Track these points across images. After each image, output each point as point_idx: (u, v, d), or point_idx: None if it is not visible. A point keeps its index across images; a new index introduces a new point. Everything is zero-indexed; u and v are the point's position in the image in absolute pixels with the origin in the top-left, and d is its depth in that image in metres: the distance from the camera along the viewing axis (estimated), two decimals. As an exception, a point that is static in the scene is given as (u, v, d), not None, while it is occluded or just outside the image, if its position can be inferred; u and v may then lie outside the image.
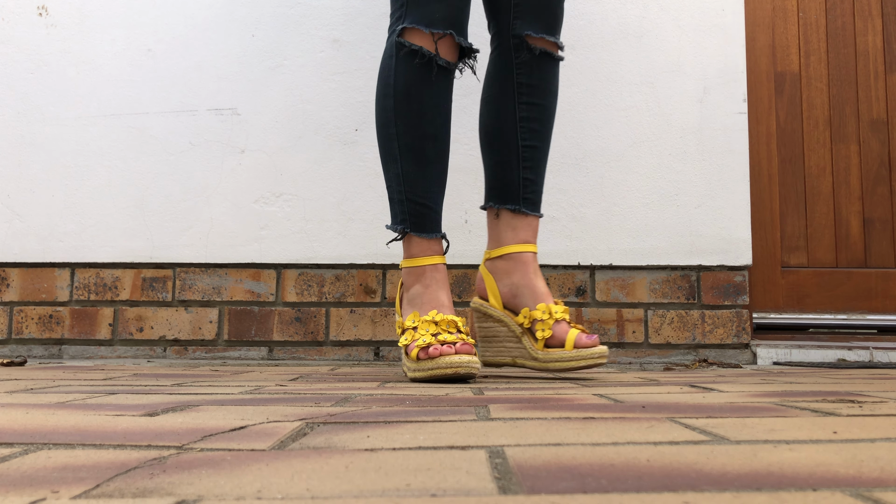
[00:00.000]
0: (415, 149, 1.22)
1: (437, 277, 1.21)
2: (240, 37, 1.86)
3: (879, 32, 1.92)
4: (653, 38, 1.83)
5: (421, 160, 1.22)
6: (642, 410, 0.68)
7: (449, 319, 1.14)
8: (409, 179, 1.22)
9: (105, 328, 1.79)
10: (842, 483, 0.37)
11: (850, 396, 0.80)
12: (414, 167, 1.22)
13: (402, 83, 1.21)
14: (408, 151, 1.22)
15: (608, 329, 1.76)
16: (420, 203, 1.22)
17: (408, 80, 1.21)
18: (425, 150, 1.22)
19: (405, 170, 1.22)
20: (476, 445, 0.49)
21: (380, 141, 1.26)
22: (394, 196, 1.24)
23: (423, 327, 1.14)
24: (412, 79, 1.21)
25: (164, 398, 0.80)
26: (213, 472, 0.41)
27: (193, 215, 1.81)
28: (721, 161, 1.79)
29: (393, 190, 1.24)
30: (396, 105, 1.22)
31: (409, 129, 1.22)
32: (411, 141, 1.22)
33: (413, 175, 1.22)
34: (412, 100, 1.21)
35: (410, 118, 1.22)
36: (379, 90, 1.25)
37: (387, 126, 1.24)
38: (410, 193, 1.22)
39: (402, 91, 1.21)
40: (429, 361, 1.08)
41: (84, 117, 1.85)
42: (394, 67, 1.22)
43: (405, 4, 1.20)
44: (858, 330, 1.82)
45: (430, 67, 1.19)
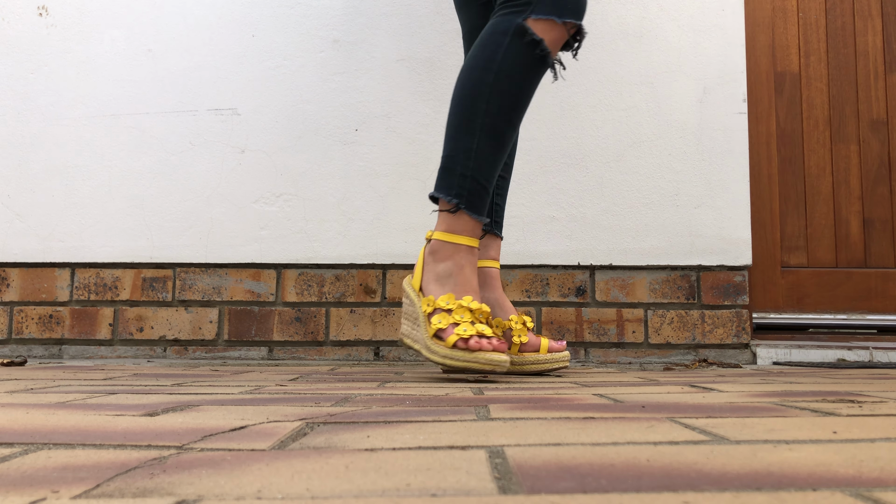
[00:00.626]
0: (498, 132, 1.21)
1: (472, 261, 1.21)
2: (240, 37, 1.86)
3: (879, 32, 1.92)
4: (653, 38, 1.83)
5: (498, 144, 1.22)
6: (642, 410, 0.68)
7: (485, 310, 1.16)
8: (480, 158, 1.21)
9: (105, 328, 1.79)
10: (842, 483, 0.37)
11: (850, 396, 0.80)
12: (489, 148, 1.21)
13: (508, 65, 1.20)
14: (491, 132, 1.21)
15: (608, 329, 1.76)
16: (481, 184, 1.21)
17: (516, 65, 1.20)
18: (506, 137, 1.22)
19: (480, 147, 1.21)
20: (476, 445, 0.49)
21: (459, 108, 1.23)
22: (455, 168, 1.22)
23: (458, 312, 1.13)
24: (521, 66, 1.20)
25: (164, 398, 0.80)
26: (213, 472, 0.41)
27: (193, 215, 1.81)
28: (721, 161, 1.79)
29: (457, 162, 1.22)
30: (496, 83, 1.20)
31: (501, 112, 1.21)
32: (498, 123, 1.21)
33: (486, 155, 1.21)
34: (513, 85, 1.21)
35: (505, 102, 1.21)
36: (478, 59, 1.22)
37: (476, 99, 1.21)
38: (476, 171, 1.21)
39: (507, 73, 1.20)
40: (466, 353, 1.09)
41: (84, 117, 1.85)
42: (505, 46, 1.20)
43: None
44: (858, 330, 1.82)
45: (543, 64, 1.21)
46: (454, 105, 1.23)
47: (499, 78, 1.20)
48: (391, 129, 1.82)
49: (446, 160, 1.23)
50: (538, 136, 1.81)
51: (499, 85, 1.20)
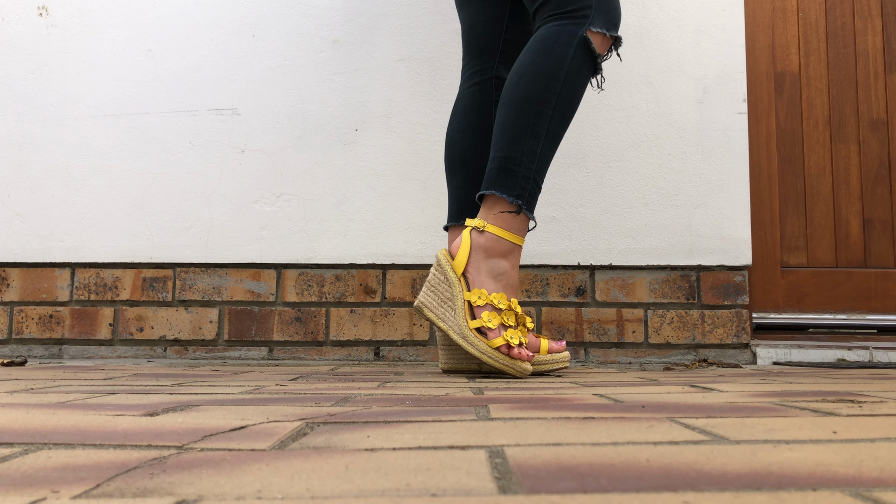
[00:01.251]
0: (557, 137, 1.27)
1: (519, 260, 1.27)
2: (240, 37, 1.86)
3: (879, 32, 1.92)
4: (653, 38, 1.83)
5: (555, 148, 1.28)
6: (642, 410, 0.68)
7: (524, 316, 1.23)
8: (542, 161, 1.25)
9: (105, 328, 1.79)
10: (842, 483, 0.37)
11: (850, 396, 0.80)
12: (549, 152, 1.26)
13: (573, 75, 1.25)
14: (553, 136, 1.26)
15: (608, 329, 1.76)
16: (538, 185, 1.26)
17: (579, 75, 1.26)
18: (560, 140, 1.29)
19: (543, 151, 1.25)
20: (476, 445, 0.49)
21: (524, 112, 1.25)
22: (518, 170, 1.24)
23: (507, 315, 1.19)
24: (582, 76, 1.27)
25: (164, 398, 0.80)
26: (213, 472, 0.41)
27: (193, 215, 1.81)
28: (721, 161, 1.79)
29: (519, 164, 1.24)
30: (563, 90, 1.25)
31: (564, 118, 1.26)
32: (560, 128, 1.27)
33: (546, 159, 1.26)
34: (575, 93, 1.27)
35: (568, 109, 1.26)
36: (544, 67, 1.25)
37: (543, 104, 1.25)
38: (537, 174, 1.25)
39: (572, 82, 1.26)
40: (506, 358, 1.15)
41: (84, 117, 1.85)
42: (571, 56, 1.25)
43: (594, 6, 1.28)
44: (858, 330, 1.82)
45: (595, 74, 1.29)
46: (516, 108, 1.26)
47: (565, 86, 1.25)
48: (391, 129, 1.82)
49: (506, 161, 1.25)
50: (538, 136, 1.80)
51: (565, 93, 1.25)
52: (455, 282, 1.23)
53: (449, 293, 1.23)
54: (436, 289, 1.24)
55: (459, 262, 1.24)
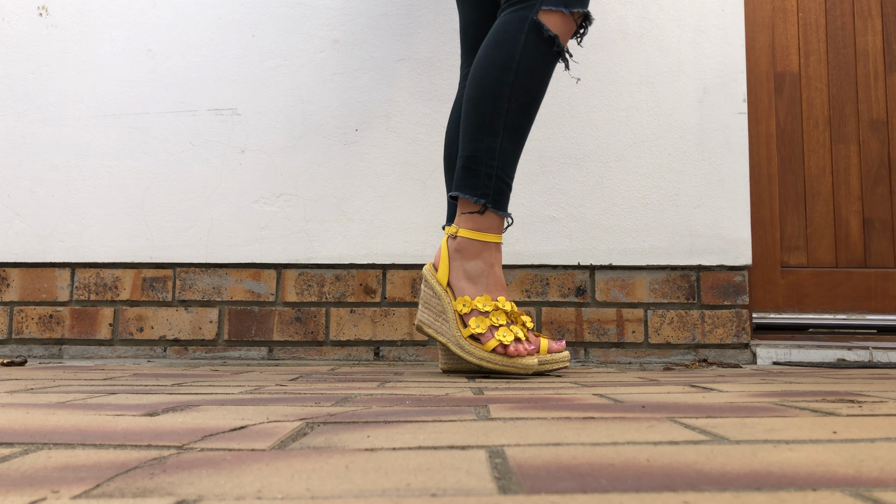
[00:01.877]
0: (518, 129, 1.22)
1: (499, 257, 1.23)
2: (240, 37, 1.86)
3: (879, 32, 1.92)
4: (653, 38, 1.83)
5: (519, 141, 1.23)
6: (642, 410, 0.68)
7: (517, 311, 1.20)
8: (503, 156, 1.22)
9: (105, 328, 1.79)
10: (842, 483, 0.37)
11: (850, 396, 0.80)
12: (511, 146, 1.22)
13: (527, 63, 1.21)
14: (512, 130, 1.22)
15: (608, 329, 1.76)
16: (505, 181, 1.22)
17: (534, 62, 1.21)
18: (525, 132, 1.24)
19: (503, 146, 1.22)
20: (476, 445, 0.49)
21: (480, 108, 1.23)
22: (479, 168, 1.22)
23: (495, 315, 1.16)
24: (539, 62, 1.21)
25: (164, 398, 0.80)
26: (213, 472, 0.41)
27: (193, 215, 1.81)
28: (721, 161, 1.79)
29: (480, 162, 1.22)
30: (516, 81, 1.21)
31: (522, 110, 1.22)
32: (519, 121, 1.22)
33: (508, 153, 1.22)
34: (532, 82, 1.21)
35: (525, 99, 1.21)
36: (496, 59, 1.22)
37: (497, 99, 1.21)
38: (500, 170, 1.22)
39: (527, 71, 1.21)
40: (504, 358, 1.13)
41: (84, 117, 1.85)
42: (522, 44, 1.20)
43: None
44: (858, 330, 1.82)
45: (557, 58, 1.22)
46: (472, 105, 1.23)
47: (518, 76, 1.20)
48: (391, 129, 1.82)
49: (468, 160, 1.22)
50: (538, 136, 1.81)
51: (519, 83, 1.20)
52: (442, 294, 1.22)
53: (440, 306, 1.23)
54: (428, 304, 1.25)
55: (442, 273, 1.24)
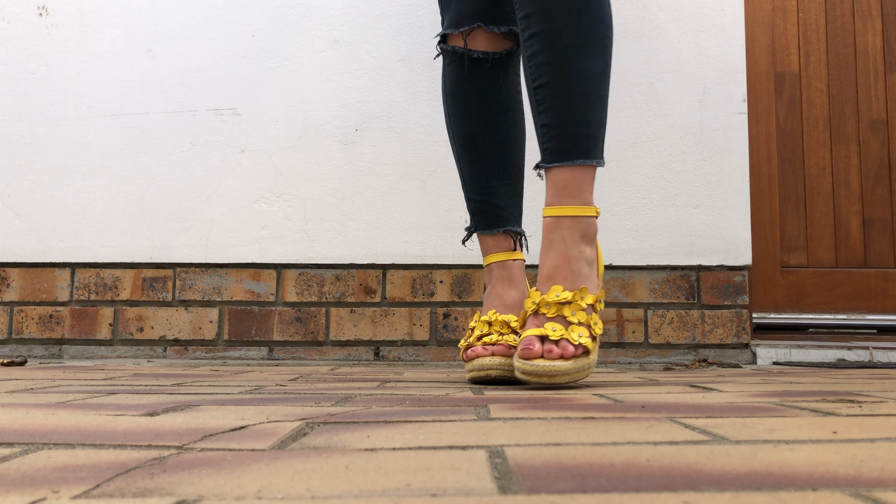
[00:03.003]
0: (466, 146, 1.23)
1: (503, 275, 1.17)
2: (240, 37, 1.86)
3: (879, 32, 1.92)
4: (653, 38, 1.83)
5: (473, 157, 1.22)
6: (642, 410, 0.68)
7: (501, 320, 1.10)
8: (466, 178, 1.23)
9: (105, 328, 1.79)
10: (842, 483, 0.37)
11: (850, 396, 0.80)
12: (468, 164, 1.23)
13: (448, 85, 1.23)
14: (463, 150, 1.23)
15: (608, 329, 1.76)
16: (480, 200, 1.22)
17: (452, 81, 1.22)
18: (476, 146, 1.22)
19: (463, 169, 1.24)
20: (476, 445, 0.49)
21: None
22: (465, 196, 1.25)
23: (478, 327, 1.11)
24: (455, 79, 1.22)
25: (164, 398, 0.80)
26: (213, 472, 0.41)
27: (193, 215, 1.81)
28: (721, 161, 1.79)
29: (464, 190, 1.25)
30: (447, 108, 1.24)
31: (460, 129, 1.23)
32: (462, 140, 1.23)
33: (468, 172, 1.23)
34: (457, 99, 1.22)
35: (458, 118, 1.23)
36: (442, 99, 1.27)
37: (448, 130, 1.26)
38: (471, 192, 1.23)
39: (450, 92, 1.23)
40: (468, 363, 1.08)
41: (84, 117, 1.85)
42: (442, 72, 1.24)
43: (441, 10, 1.23)
44: (858, 330, 1.82)
45: (462, 63, 1.20)
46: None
47: (447, 101, 1.25)
48: (391, 129, 1.82)
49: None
50: (538, 136, 1.80)
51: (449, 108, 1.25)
52: None
53: None
54: None
55: None
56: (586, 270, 1.01)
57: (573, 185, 1.03)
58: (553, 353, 0.93)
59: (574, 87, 1.03)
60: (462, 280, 1.78)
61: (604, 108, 1.06)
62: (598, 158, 1.04)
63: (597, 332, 0.97)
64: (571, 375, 0.93)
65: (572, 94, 1.03)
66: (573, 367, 0.92)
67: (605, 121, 1.07)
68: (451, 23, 1.20)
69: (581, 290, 0.98)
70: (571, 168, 1.03)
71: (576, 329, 0.96)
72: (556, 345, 0.93)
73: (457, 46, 1.19)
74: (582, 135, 1.03)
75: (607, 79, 1.06)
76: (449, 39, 1.21)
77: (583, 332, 0.95)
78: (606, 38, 1.04)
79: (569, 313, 0.97)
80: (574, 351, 0.93)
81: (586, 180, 1.03)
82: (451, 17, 1.19)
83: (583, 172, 1.03)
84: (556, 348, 0.93)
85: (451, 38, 1.21)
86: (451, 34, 1.20)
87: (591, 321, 0.97)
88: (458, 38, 1.20)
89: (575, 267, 1.00)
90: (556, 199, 1.03)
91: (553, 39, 1.02)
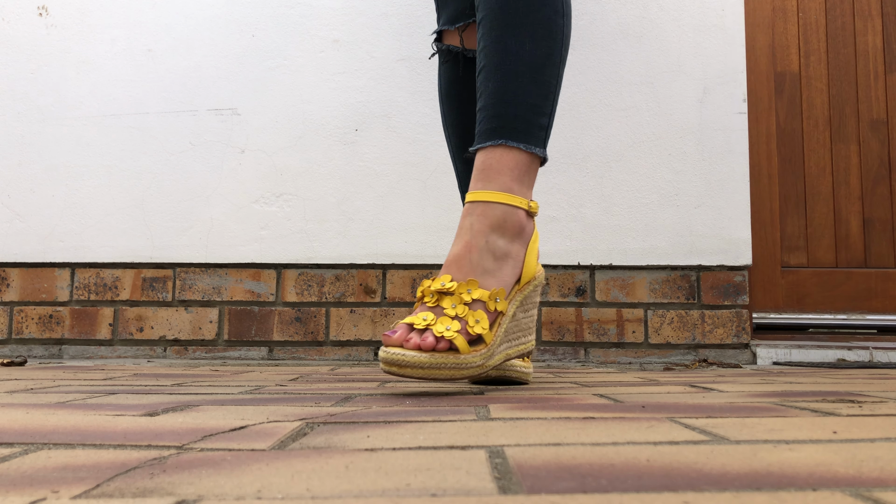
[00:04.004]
0: (461, 147, 1.21)
1: None
2: (240, 37, 1.86)
3: (879, 32, 1.92)
4: (653, 38, 1.83)
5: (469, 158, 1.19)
6: (642, 410, 0.68)
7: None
8: (462, 178, 1.22)
9: (105, 328, 1.79)
10: (842, 483, 0.37)
11: (850, 396, 0.80)
12: (463, 165, 1.21)
13: (443, 85, 1.22)
14: (457, 151, 1.21)
15: (608, 329, 1.76)
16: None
17: (447, 81, 1.21)
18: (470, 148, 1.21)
19: (459, 169, 1.22)
20: (476, 445, 0.49)
21: None
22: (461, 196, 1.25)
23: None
24: (450, 79, 1.21)
25: (164, 398, 0.80)
26: (213, 472, 0.41)
27: (193, 215, 1.81)
28: (721, 161, 1.79)
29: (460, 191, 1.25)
30: (442, 107, 1.23)
31: (455, 129, 1.21)
32: (458, 140, 1.21)
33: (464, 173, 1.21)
34: (452, 99, 1.21)
35: (453, 117, 1.21)
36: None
37: (444, 129, 1.25)
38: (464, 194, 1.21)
39: (445, 92, 1.22)
40: None
41: (84, 117, 1.85)
42: (438, 71, 1.23)
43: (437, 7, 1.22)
44: (858, 330, 1.82)
45: (457, 62, 1.18)
46: None
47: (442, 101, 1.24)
48: (391, 129, 1.82)
49: None
50: (538, 136, 1.80)
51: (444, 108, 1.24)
52: None
53: None
54: None
55: None
56: (490, 264, 0.89)
57: (493, 168, 0.93)
58: (410, 342, 0.82)
59: (505, 68, 0.95)
60: (462, 280, 1.78)
61: (545, 95, 0.95)
62: (529, 144, 0.93)
63: (475, 331, 0.84)
64: (425, 370, 0.81)
65: (503, 74, 0.95)
66: (426, 361, 0.81)
67: (549, 109, 0.96)
68: (447, 19, 1.19)
69: (469, 281, 0.86)
70: (493, 149, 0.93)
71: (445, 321, 0.84)
72: (420, 335, 0.83)
73: (451, 45, 1.19)
74: (508, 115, 0.93)
75: (552, 66, 0.97)
76: (445, 37, 1.20)
77: (453, 325, 0.83)
78: (552, 22, 0.96)
79: (448, 305, 0.85)
80: (433, 343, 0.81)
81: (509, 165, 0.92)
82: (448, 13, 1.18)
83: (505, 155, 0.92)
84: (416, 337, 0.82)
85: (447, 36, 1.20)
86: (446, 31, 1.19)
87: (471, 317, 0.85)
88: (453, 36, 1.19)
89: (475, 257, 0.89)
90: (472, 184, 0.94)
91: (491, 23, 0.97)
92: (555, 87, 0.98)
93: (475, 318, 0.85)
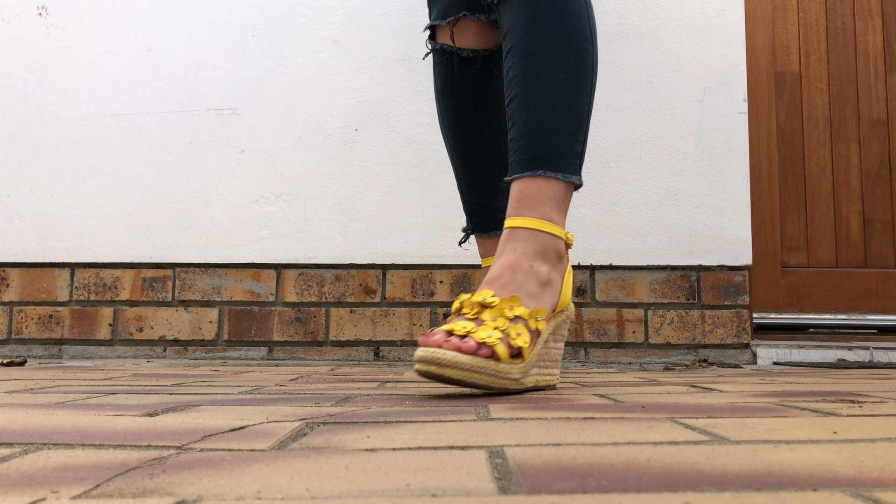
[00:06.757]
0: (459, 147, 1.20)
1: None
2: (240, 37, 1.86)
3: (879, 32, 1.92)
4: (653, 38, 1.83)
5: (467, 158, 1.20)
6: (642, 410, 0.68)
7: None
8: (461, 179, 1.21)
9: (105, 328, 1.79)
10: (842, 483, 0.37)
11: (850, 396, 0.80)
12: (462, 166, 1.20)
13: (439, 85, 1.21)
14: (456, 151, 1.21)
15: (608, 329, 1.76)
16: (477, 202, 1.20)
17: (443, 81, 1.20)
18: (470, 148, 1.20)
19: (458, 170, 1.22)
20: (476, 445, 0.49)
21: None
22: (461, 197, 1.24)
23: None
24: (445, 79, 1.20)
25: (164, 398, 0.80)
26: (213, 472, 0.41)
27: (193, 215, 1.81)
28: (721, 161, 1.79)
29: (459, 192, 1.24)
30: (439, 107, 1.22)
31: (453, 129, 1.20)
32: (455, 140, 1.20)
33: (463, 173, 1.20)
34: (448, 99, 1.20)
35: (450, 118, 1.20)
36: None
37: (441, 130, 1.24)
38: (466, 194, 1.21)
39: (441, 92, 1.21)
40: None
41: (84, 117, 1.85)
42: (433, 71, 1.22)
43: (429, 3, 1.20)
44: (858, 330, 1.82)
45: (452, 62, 1.17)
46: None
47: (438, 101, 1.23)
48: (391, 129, 1.82)
49: None
50: (538, 136, 1.80)
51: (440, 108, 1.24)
52: None
53: None
54: None
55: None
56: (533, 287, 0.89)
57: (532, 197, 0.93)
58: (450, 342, 0.80)
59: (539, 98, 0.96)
60: (462, 280, 1.78)
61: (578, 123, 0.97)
62: (565, 173, 0.95)
63: (516, 343, 0.83)
64: (465, 372, 0.79)
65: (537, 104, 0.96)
66: (467, 363, 0.79)
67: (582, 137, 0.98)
68: (438, 13, 1.18)
69: (512, 297, 0.86)
70: (531, 179, 0.94)
71: (487, 328, 0.83)
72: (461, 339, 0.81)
73: (445, 45, 1.17)
74: (545, 145, 0.95)
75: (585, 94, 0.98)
76: (437, 34, 1.19)
77: (495, 333, 0.82)
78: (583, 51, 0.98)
79: (488, 317, 0.84)
80: (474, 347, 0.80)
81: (548, 195, 0.93)
82: (439, 7, 1.17)
83: (543, 185, 0.93)
84: (457, 340, 0.80)
85: (440, 33, 1.19)
86: (439, 27, 1.18)
87: (513, 329, 0.84)
88: (445, 32, 1.17)
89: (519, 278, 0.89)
90: (512, 211, 0.94)
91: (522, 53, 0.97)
92: (587, 114, 0.98)
93: (517, 332, 0.84)
